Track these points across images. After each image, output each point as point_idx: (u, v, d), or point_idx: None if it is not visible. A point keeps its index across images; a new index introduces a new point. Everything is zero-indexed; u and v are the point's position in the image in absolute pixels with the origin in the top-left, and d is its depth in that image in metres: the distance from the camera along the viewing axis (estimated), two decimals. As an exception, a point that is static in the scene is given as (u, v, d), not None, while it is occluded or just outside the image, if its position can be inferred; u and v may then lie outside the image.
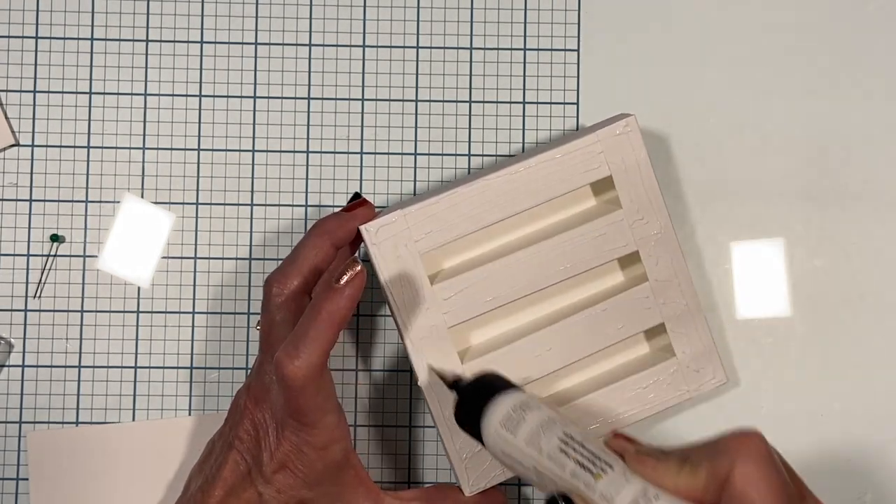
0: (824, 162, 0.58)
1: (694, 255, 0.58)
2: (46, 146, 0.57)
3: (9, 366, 0.57)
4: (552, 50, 0.58)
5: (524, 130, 0.58)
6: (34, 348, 0.57)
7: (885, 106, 0.58)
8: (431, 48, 0.58)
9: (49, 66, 0.58)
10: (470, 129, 0.58)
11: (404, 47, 0.58)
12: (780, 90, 0.58)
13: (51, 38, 0.58)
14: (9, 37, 0.58)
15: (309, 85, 0.58)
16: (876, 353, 0.58)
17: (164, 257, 0.57)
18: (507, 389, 0.45)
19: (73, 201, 0.57)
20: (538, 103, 0.58)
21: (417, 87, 0.58)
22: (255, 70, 0.58)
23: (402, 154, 0.58)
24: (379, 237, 0.51)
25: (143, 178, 0.58)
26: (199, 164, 0.58)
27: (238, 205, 0.58)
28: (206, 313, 0.57)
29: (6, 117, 0.57)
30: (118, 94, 0.58)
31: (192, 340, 0.57)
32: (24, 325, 0.57)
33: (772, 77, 0.58)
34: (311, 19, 0.58)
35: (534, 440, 0.42)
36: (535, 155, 0.52)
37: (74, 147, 0.57)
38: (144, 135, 0.58)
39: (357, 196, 0.53)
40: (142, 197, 0.58)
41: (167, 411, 0.57)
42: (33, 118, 0.57)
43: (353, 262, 0.46)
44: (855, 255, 0.58)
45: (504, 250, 0.53)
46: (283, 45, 0.58)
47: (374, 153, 0.58)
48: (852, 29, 0.58)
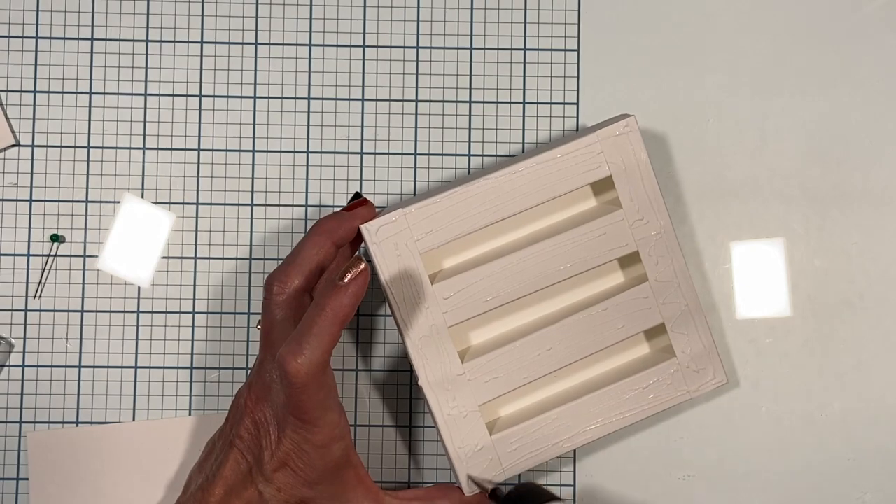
0: (824, 162, 0.58)
1: (694, 255, 0.58)
2: (46, 146, 0.57)
3: (9, 366, 0.57)
4: (552, 50, 0.58)
5: (524, 130, 0.58)
6: (34, 348, 0.57)
7: (884, 106, 0.58)
8: (431, 48, 0.58)
9: (49, 66, 0.58)
10: (470, 129, 0.58)
11: (404, 47, 0.58)
12: (780, 90, 0.58)
13: (51, 38, 0.58)
14: (9, 37, 0.58)
15: (309, 85, 0.58)
16: (876, 353, 0.58)
17: (164, 257, 0.57)
18: (550, 500, 0.45)
19: (73, 201, 0.57)
20: (538, 103, 0.58)
21: (417, 87, 0.58)
22: (255, 70, 0.58)
23: (401, 154, 0.58)
24: (379, 236, 0.51)
25: (143, 178, 0.58)
26: (199, 164, 0.58)
27: (238, 205, 0.58)
28: (206, 313, 0.57)
29: (6, 117, 0.57)
30: (118, 94, 0.58)
31: (192, 340, 0.57)
32: (25, 325, 0.57)
33: (772, 77, 0.58)
34: (311, 19, 0.58)
35: None
36: (535, 155, 0.52)
37: (74, 147, 0.57)
38: (144, 135, 0.58)
39: (358, 195, 0.53)
40: (142, 197, 0.58)
41: (167, 411, 0.57)
42: (33, 118, 0.57)
43: (358, 261, 0.46)
44: (855, 255, 0.58)
45: (504, 250, 0.53)
46: (283, 45, 0.58)
47: (374, 153, 0.58)
48: (852, 29, 0.58)
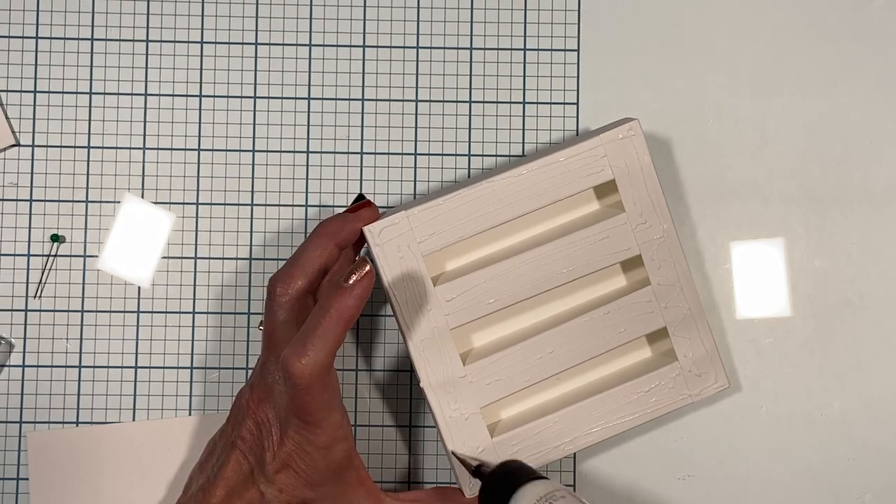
0: (824, 162, 0.58)
1: (694, 256, 0.58)
2: (46, 146, 0.57)
3: (9, 366, 0.57)
4: (552, 50, 0.58)
5: (524, 131, 0.58)
6: (34, 348, 0.57)
7: (884, 106, 0.58)
8: (431, 48, 0.58)
9: (49, 66, 0.57)
10: (470, 129, 0.58)
11: (404, 47, 0.58)
12: (780, 90, 0.58)
13: (51, 38, 0.57)
14: (9, 37, 0.57)
15: (309, 85, 0.58)
16: (876, 353, 0.58)
17: (164, 257, 0.57)
18: (534, 479, 0.45)
19: (73, 201, 0.57)
20: (538, 103, 0.58)
21: (417, 87, 0.58)
22: (255, 70, 0.58)
23: (402, 154, 0.58)
24: (382, 238, 0.51)
25: (143, 178, 0.58)
26: (199, 164, 0.58)
27: (238, 205, 0.58)
28: (207, 313, 0.57)
29: (6, 117, 0.57)
30: (118, 94, 0.58)
31: (192, 340, 0.57)
32: (25, 325, 0.57)
33: (772, 77, 0.58)
34: (311, 19, 0.58)
35: None
36: (538, 158, 0.52)
37: (74, 147, 0.57)
38: (144, 135, 0.58)
39: (361, 197, 0.53)
40: (142, 197, 0.57)
41: (167, 411, 0.57)
42: (33, 118, 0.57)
43: (363, 262, 0.46)
44: (855, 255, 0.58)
45: (507, 253, 0.53)
46: (283, 45, 0.58)
47: (375, 153, 0.58)
48: (852, 29, 0.58)
